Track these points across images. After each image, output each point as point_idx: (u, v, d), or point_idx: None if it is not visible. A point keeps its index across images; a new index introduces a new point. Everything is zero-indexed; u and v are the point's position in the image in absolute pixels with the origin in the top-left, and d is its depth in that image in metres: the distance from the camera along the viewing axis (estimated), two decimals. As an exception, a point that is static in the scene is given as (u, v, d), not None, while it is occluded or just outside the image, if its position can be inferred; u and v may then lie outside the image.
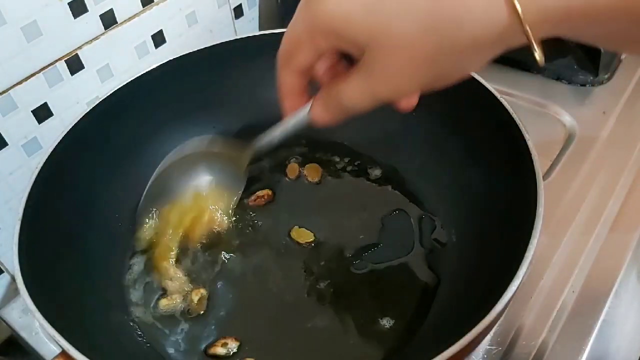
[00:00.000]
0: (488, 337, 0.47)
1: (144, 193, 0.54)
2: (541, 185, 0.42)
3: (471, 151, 0.53)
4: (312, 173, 0.60)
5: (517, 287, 0.37)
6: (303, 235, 0.54)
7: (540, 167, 0.43)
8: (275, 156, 0.62)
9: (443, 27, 0.27)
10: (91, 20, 0.59)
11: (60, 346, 0.37)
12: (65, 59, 0.58)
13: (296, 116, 0.38)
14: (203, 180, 0.54)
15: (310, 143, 0.63)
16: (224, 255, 0.53)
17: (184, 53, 0.58)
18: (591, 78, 0.70)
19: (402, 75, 0.29)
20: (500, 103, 0.48)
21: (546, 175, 0.60)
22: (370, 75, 0.30)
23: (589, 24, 0.26)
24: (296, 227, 0.55)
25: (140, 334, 0.48)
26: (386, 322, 0.47)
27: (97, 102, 0.54)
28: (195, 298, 0.49)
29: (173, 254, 0.52)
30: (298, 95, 0.37)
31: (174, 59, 0.58)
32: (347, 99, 0.33)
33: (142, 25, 0.64)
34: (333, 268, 0.52)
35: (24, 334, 0.53)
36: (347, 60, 0.34)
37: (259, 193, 0.58)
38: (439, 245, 0.53)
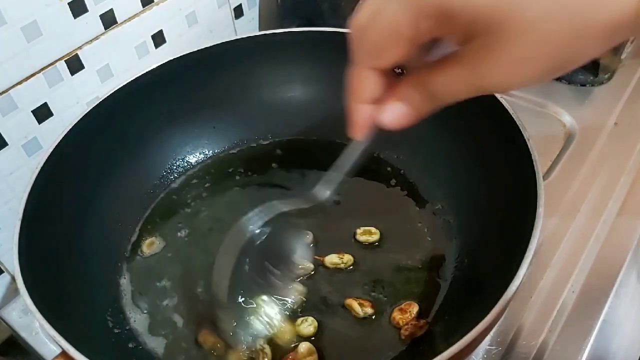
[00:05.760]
0: (488, 337, 0.47)
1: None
2: (541, 185, 0.42)
3: (471, 151, 0.53)
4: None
5: (517, 287, 0.37)
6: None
7: (540, 167, 0.43)
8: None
9: (581, 7, 0.24)
10: (91, 20, 0.59)
11: (60, 346, 0.37)
12: (65, 59, 0.58)
13: (366, 137, 0.33)
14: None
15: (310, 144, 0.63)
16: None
17: (184, 53, 0.58)
18: (591, 78, 0.70)
19: (524, 63, 0.26)
20: (500, 103, 0.48)
21: (546, 175, 0.60)
22: (481, 63, 0.27)
23: None
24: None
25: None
26: (386, 322, 0.48)
27: (97, 102, 0.54)
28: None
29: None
30: (374, 105, 0.32)
31: (174, 59, 0.58)
32: (442, 91, 0.29)
33: (142, 25, 0.64)
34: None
35: (24, 334, 0.53)
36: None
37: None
38: (439, 245, 0.53)
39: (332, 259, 0.52)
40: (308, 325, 0.47)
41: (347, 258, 0.52)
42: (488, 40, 0.26)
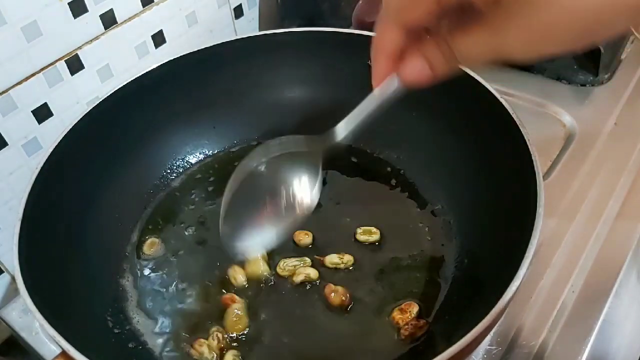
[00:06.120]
0: (488, 337, 0.47)
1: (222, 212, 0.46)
2: (541, 185, 0.42)
3: (471, 151, 0.53)
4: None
5: (517, 287, 0.37)
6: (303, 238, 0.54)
7: (540, 167, 0.43)
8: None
9: None
10: (91, 20, 0.59)
11: (60, 346, 0.37)
12: (65, 59, 0.58)
13: (385, 89, 0.34)
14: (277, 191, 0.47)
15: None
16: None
17: (184, 53, 0.58)
18: (591, 78, 0.70)
19: (549, 29, 0.26)
20: (500, 103, 0.48)
21: (546, 175, 0.60)
22: (506, 26, 0.27)
23: None
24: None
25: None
26: (387, 322, 0.48)
27: (97, 102, 0.54)
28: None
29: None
30: (395, 59, 0.33)
31: (174, 59, 0.58)
32: (465, 52, 0.29)
33: (142, 25, 0.64)
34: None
35: (24, 334, 0.53)
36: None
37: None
38: (439, 245, 0.53)
39: (332, 259, 0.52)
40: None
41: (347, 258, 0.52)
42: (514, 5, 0.26)
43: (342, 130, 0.40)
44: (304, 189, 0.46)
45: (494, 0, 0.27)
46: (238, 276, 0.51)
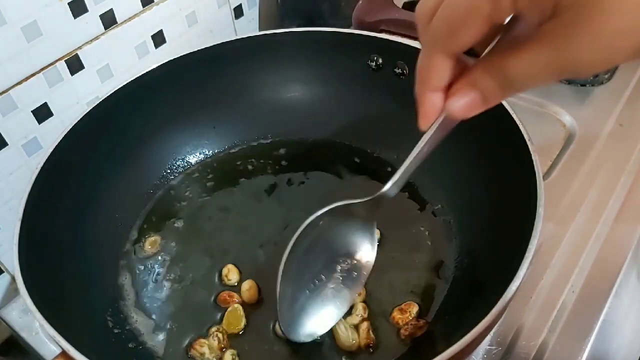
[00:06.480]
0: (488, 337, 0.47)
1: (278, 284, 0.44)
2: (541, 185, 0.42)
3: (471, 151, 0.53)
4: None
5: (517, 287, 0.37)
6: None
7: (540, 167, 0.43)
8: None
9: None
10: (91, 20, 0.59)
11: (60, 346, 0.37)
12: (65, 59, 0.58)
13: (435, 128, 0.31)
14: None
15: (310, 143, 0.63)
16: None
17: (184, 53, 0.58)
18: (591, 78, 0.70)
19: (619, 36, 0.23)
20: (500, 103, 0.48)
21: (546, 175, 0.60)
22: (569, 39, 0.24)
23: None
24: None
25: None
26: (386, 322, 0.48)
27: (97, 102, 0.54)
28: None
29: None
30: (444, 91, 0.29)
31: (174, 59, 0.58)
32: (521, 76, 0.26)
33: (142, 25, 0.64)
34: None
35: (24, 334, 0.53)
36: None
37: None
38: (439, 245, 0.53)
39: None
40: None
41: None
42: (579, 13, 0.23)
43: (396, 187, 0.39)
44: (363, 244, 0.46)
45: (556, 9, 0.24)
46: (231, 275, 0.51)
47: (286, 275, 0.43)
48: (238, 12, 0.76)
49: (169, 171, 0.61)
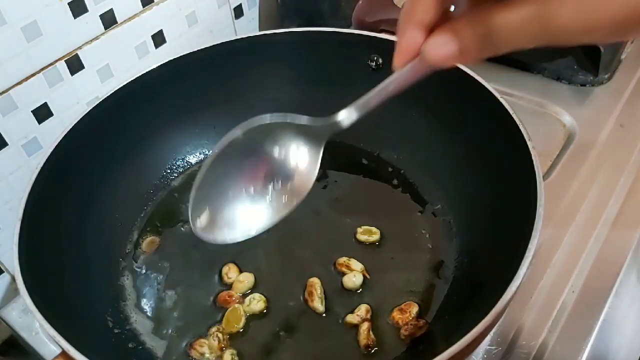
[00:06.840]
0: (488, 337, 0.47)
1: (196, 182, 0.39)
2: (541, 185, 0.42)
3: (471, 151, 0.53)
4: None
5: (517, 287, 0.37)
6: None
7: (540, 167, 0.43)
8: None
9: None
10: (91, 20, 0.59)
11: (60, 346, 0.37)
12: (65, 59, 0.58)
13: (408, 69, 0.31)
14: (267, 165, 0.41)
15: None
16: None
17: (184, 53, 0.58)
18: (591, 78, 0.70)
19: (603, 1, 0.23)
20: (500, 103, 0.48)
21: (546, 175, 0.60)
22: None
23: None
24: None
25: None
26: (386, 322, 0.48)
27: (97, 102, 0.54)
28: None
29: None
30: (425, 33, 0.29)
31: (174, 59, 0.58)
32: (503, 32, 0.26)
33: (142, 25, 0.64)
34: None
35: (24, 334, 0.53)
36: None
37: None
38: (439, 245, 0.53)
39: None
40: (257, 302, 0.49)
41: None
42: None
43: (355, 112, 0.36)
44: (301, 168, 0.41)
45: None
46: (231, 273, 0.51)
47: (212, 171, 0.39)
48: (238, 12, 0.76)
49: (169, 171, 0.61)
